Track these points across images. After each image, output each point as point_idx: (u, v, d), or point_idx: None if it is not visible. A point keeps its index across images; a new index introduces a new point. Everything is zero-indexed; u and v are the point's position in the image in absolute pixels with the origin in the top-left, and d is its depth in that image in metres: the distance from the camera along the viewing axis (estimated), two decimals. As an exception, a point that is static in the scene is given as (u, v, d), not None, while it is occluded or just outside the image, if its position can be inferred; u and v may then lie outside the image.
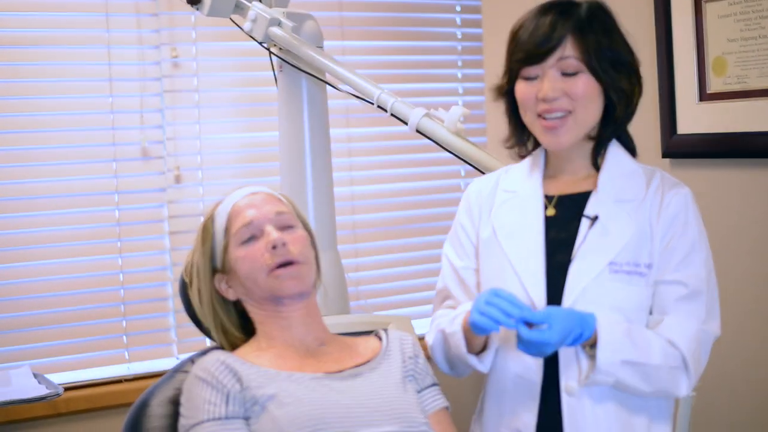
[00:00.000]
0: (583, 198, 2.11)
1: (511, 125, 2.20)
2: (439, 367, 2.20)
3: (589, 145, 2.14)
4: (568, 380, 2.02)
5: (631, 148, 2.18)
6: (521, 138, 2.21)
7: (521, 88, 2.09)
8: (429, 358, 2.20)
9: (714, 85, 2.96)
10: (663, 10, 3.07)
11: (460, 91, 3.99)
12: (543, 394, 2.06)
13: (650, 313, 2.07)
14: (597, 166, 2.15)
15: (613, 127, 2.12)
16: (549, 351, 1.94)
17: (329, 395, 1.92)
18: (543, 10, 2.07)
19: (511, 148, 2.23)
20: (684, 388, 2.01)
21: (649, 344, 1.98)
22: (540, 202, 2.15)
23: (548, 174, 2.19)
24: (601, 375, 1.96)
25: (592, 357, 1.98)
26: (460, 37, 3.98)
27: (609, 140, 2.14)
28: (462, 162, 2.68)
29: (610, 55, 2.05)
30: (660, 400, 2.07)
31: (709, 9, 2.95)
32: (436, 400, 2.09)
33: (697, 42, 2.99)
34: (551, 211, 2.13)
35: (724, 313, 2.10)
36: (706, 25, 2.96)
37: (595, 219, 2.06)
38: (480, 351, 2.10)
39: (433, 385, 2.11)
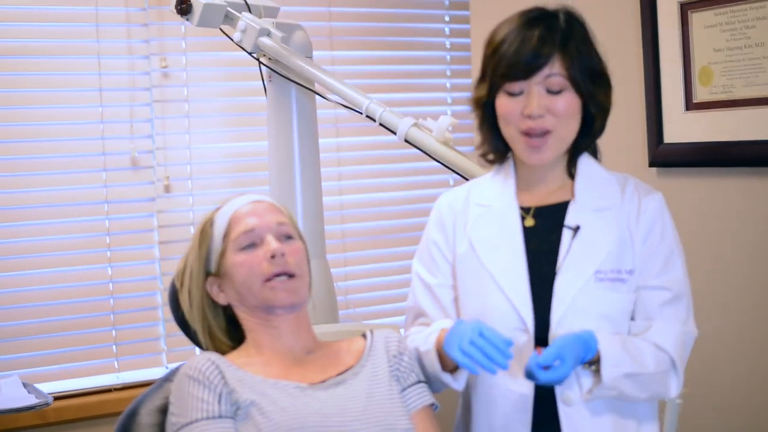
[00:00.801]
0: (560, 208, 2.12)
1: (487, 135, 2.19)
2: None
3: (563, 157, 2.15)
4: (564, 391, 2.03)
5: (595, 155, 2.20)
6: (496, 147, 2.19)
7: (504, 103, 2.08)
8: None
9: (700, 95, 2.98)
10: (649, 20, 3.08)
11: (449, 100, 4.00)
12: (535, 407, 2.05)
13: (632, 318, 2.09)
14: (571, 176, 2.16)
15: (589, 139, 2.14)
16: (564, 380, 1.95)
17: (311, 404, 1.92)
18: (527, 23, 2.06)
19: (483, 155, 2.23)
20: (674, 389, 2.05)
21: (642, 353, 2.00)
22: (517, 213, 2.14)
23: (520, 186, 2.19)
24: (605, 390, 1.98)
25: (595, 372, 2.00)
26: (448, 47, 4.00)
27: (584, 151, 2.16)
28: (451, 171, 2.69)
29: (589, 67, 2.06)
30: (647, 402, 2.10)
31: (695, 19, 2.97)
32: (421, 397, 2.07)
33: (683, 52, 3.00)
34: (530, 222, 2.13)
35: (712, 320, 2.13)
36: (692, 35, 2.98)
37: (576, 229, 2.07)
38: (454, 368, 2.08)
39: (418, 382, 2.10)
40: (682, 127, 3.03)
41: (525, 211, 2.15)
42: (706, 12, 2.94)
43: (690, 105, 3.00)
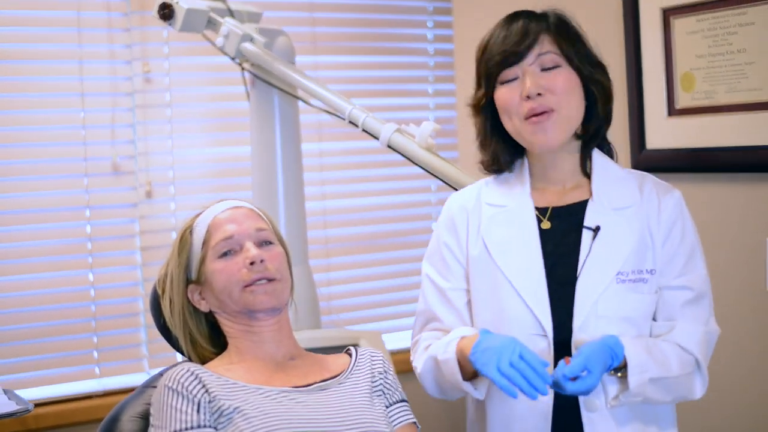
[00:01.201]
0: (577, 208, 2.09)
1: (492, 144, 2.16)
2: (429, 392, 2.16)
3: (574, 149, 2.12)
4: (588, 397, 1.99)
5: (611, 155, 2.18)
6: (504, 158, 2.16)
7: (502, 93, 2.07)
8: (403, 372, 2.19)
9: (682, 101, 2.98)
10: (632, 26, 3.09)
11: (432, 106, 4.00)
12: (555, 414, 2.03)
13: (654, 318, 2.07)
14: (586, 172, 2.13)
15: (597, 125, 2.10)
16: (592, 390, 1.92)
17: (295, 408, 1.92)
18: (510, 19, 2.08)
19: (488, 168, 2.19)
20: (699, 390, 2.04)
21: (667, 356, 1.99)
22: (533, 215, 2.11)
23: (534, 186, 2.15)
24: (631, 396, 1.96)
25: (621, 379, 1.98)
26: (432, 52, 4.00)
27: (595, 140, 2.12)
28: (433, 177, 2.69)
29: (583, 52, 2.08)
30: (668, 407, 2.10)
31: (677, 25, 2.98)
32: (404, 415, 2.08)
33: (665, 58, 3.01)
34: (546, 224, 2.10)
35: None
36: (674, 41, 2.99)
37: (597, 230, 2.04)
38: (472, 376, 2.04)
39: (402, 401, 2.11)
40: (665, 133, 3.04)
41: (540, 211, 2.12)
42: (688, 18, 2.94)
43: (672, 111, 3.01)
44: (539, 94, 2.02)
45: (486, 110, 2.13)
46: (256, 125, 3.12)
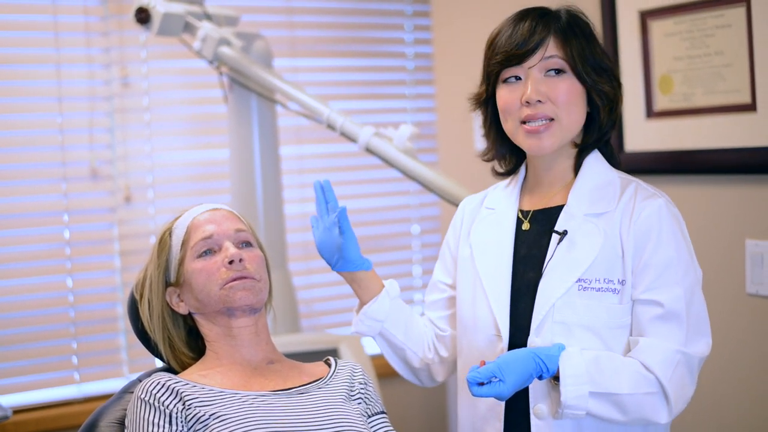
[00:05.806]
0: (556, 212, 2.05)
1: (490, 137, 2.15)
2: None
3: (570, 154, 2.08)
4: (537, 403, 1.98)
5: (612, 157, 2.12)
6: (500, 151, 2.15)
7: (503, 94, 2.03)
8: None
9: (660, 103, 2.99)
10: (610, 28, 3.10)
11: (410, 109, 3.99)
12: (510, 415, 2.02)
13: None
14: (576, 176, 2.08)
15: (597, 134, 2.05)
16: (507, 397, 1.90)
17: (273, 412, 1.92)
18: (521, 16, 2.03)
19: (489, 161, 2.18)
20: (663, 414, 1.92)
21: (618, 372, 1.90)
22: (514, 217, 2.10)
23: (527, 188, 2.14)
24: (569, 409, 1.89)
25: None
26: (411, 55, 3.99)
27: (593, 148, 2.07)
28: (412, 180, 2.69)
29: (592, 59, 2.00)
30: (641, 427, 2.00)
31: (655, 27, 2.98)
32: (384, 427, 2.09)
33: (643, 60, 3.01)
34: (526, 226, 2.09)
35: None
36: (652, 44, 2.99)
37: (563, 234, 2.00)
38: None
39: (382, 413, 2.12)
40: (643, 135, 3.04)
41: (525, 214, 2.11)
42: (666, 20, 2.95)
43: (650, 113, 3.01)
44: (539, 101, 1.98)
45: (486, 105, 2.11)
46: (235, 129, 3.11)
